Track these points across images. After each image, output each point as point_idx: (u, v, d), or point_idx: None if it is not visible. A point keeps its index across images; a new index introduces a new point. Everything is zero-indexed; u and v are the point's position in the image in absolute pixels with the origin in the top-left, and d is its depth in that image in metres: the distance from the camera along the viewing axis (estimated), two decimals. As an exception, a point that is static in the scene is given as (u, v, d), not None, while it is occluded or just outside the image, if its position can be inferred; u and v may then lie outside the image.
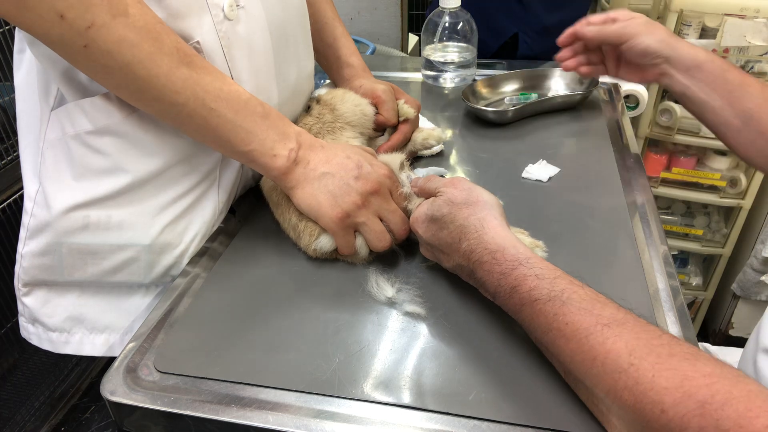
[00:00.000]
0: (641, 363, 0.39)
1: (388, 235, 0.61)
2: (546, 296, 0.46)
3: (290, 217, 0.64)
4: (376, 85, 0.80)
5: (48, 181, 0.61)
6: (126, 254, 0.63)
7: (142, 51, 0.51)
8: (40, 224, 0.62)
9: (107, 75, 0.52)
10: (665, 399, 0.37)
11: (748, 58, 1.30)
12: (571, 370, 0.45)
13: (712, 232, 1.58)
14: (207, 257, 0.66)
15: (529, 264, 0.48)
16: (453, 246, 0.55)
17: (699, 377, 0.37)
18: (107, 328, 0.67)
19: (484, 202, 0.55)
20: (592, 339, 0.42)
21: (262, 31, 0.64)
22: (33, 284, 0.66)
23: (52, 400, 1.51)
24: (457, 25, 1.06)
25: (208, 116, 0.56)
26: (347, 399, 0.48)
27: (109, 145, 0.59)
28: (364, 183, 0.60)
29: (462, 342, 0.53)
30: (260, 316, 0.57)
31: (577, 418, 0.45)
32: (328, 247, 0.61)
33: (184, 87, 0.54)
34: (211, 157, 0.65)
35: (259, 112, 0.59)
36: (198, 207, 0.66)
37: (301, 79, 0.74)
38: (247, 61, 0.63)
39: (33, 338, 0.68)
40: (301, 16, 0.73)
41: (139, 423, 0.50)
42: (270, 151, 0.59)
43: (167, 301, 0.59)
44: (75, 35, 0.49)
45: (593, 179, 0.77)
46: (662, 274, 0.61)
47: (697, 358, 0.39)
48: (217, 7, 0.59)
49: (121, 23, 0.50)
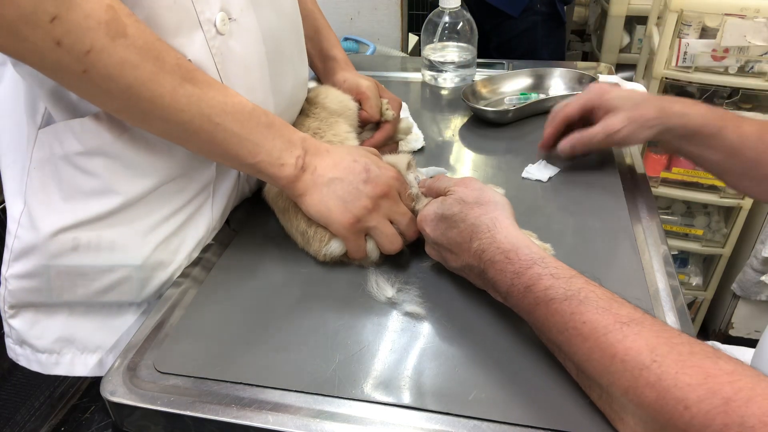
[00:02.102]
0: (664, 360, 0.39)
1: (399, 238, 0.61)
2: (562, 295, 0.46)
3: (299, 223, 0.63)
4: (360, 81, 0.79)
5: (35, 202, 0.59)
6: (117, 275, 0.61)
7: (144, 72, 0.49)
8: (27, 247, 0.60)
9: (109, 99, 0.51)
10: (689, 396, 0.37)
11: (748, 58, 1.30)
12: (586, 369, 0.44)
13: (712, 232, 1.58)
14: (200, 267, 0.65)
15: (544, 263, 0.48)
16: (463, 245, 0.54)
17: (722, 375, 0.37)
18: (99, 348, 0.65)
19: (495, 202, 0.55)
20: (611, 337, 0.42)
21: (257, 43, 0.62)
22: (19, 306, 0.64)
23: (52, 400, 1.51)
24: (457, 25, 1.06)
25: (214, 131, 0.54)
26: (347, 399, 0.48)
27: (100, 166, 0.58)
28: (373, 187, 0.59)
29: (462, 342, 0.53)
30: (260, 317, 0.57)
31: (577, 418, 0.45)
32: (338, 252, 0.61)
33: (188, 104, 0.52)
34: (203, 174, 0.64)
35: (264, 122, 0.58)
36: (191, 224, 0.64)
37: (297, 88, 0.73)
38: (242, 76, 0.61)
39: (21, 360, 0.66)
40: (295, 23, 0.71)
41: (139, 423, 0.50)
42: (277, 161, 0.58)
43: (164, 306, 0.59)
44: (73, 61, 0.46)
45: (593, 179, 0.77)
46: (662, 274, 0.61)
47: (718, 357, 0.39)
48: (209, 22, 0.57)
49: (121, 45, 0.48)
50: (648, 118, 0.70)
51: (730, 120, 0.69)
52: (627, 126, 0.70)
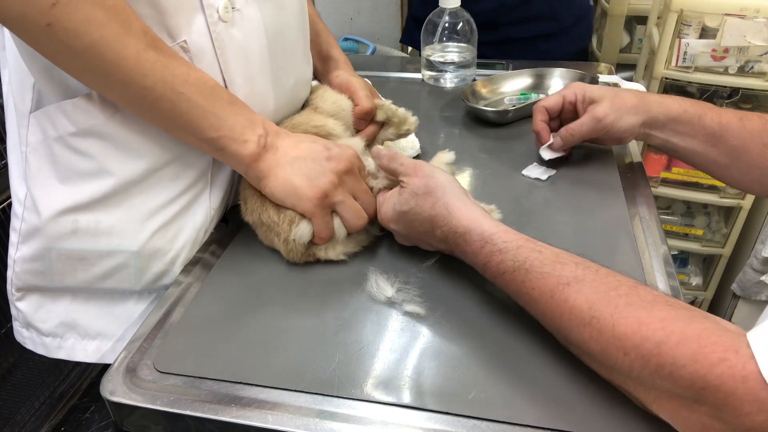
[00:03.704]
0: (601, 314, 0.44)
1: (364, 213, 0.62)
2: (511, 267, 0.51)
3: (269, 215, 0.62)
4: (351, 78, 0.80)
5: (35, 185, 0.60)
6: (115, 260, 0.62)
7: (110, 32, 0.49)
8: (31, 229, 0.61)
9: (71, 57, 0.50)
10: (626, 343, 0.42)
11: (748, 58, 1.30)
12: (547, 327, 0.50)
13: (712, 232, 1.58)
14: (200, 266, 0.65)
15: (492, 241, 0.53)
16: (428, 234, 0.58)
17: (654, 321, 0.41)
18: (99, 335, 0.66)
19: (443, 186, 0.58)
20: (557, 298, 0.47)
21: (258, 35, 0.62)
22: (26, 289, 0.66)
23: (52, 400, 1.51)
24: (457, 25, 1.06)
25: (176, 100, 0.54)
26: (347, 399, 0.48)
27: (93, 146, 0.58)
28: (337, 163, 0.60)
29: (462, 342, 0.53)
30: (260, 317, 0.57)
31: (577, 418, 0.45)
32: (308, 234, 0.60)
33: (152, 69, 0.52)
34: (201, 160, 0.64)
35: (226, 99, 0.58)
36: (189, 212, 0.65)
37: (299, 86, 0.73)
38: (242, 64, 0.61)
39: (27, 342, 0.68)
40: (300, 22, 0.72)
41: (139, 423, 0.50)
42: (240, 137, 0.58)
43: (164, 306, 0.59)
44: (37, 13, 0.46)
45: (593, 179, 0.77)
46: (662, 274, 0.61)
47: (653, 305, 0.43)
48: (211, 7, 0.57)
49: (88, 2, 0.48)
50: (630, 105, 0.73)
51: (709, 109, 0.71)
52: (611, 113, 0.73)
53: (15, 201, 0.63)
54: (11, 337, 0.68)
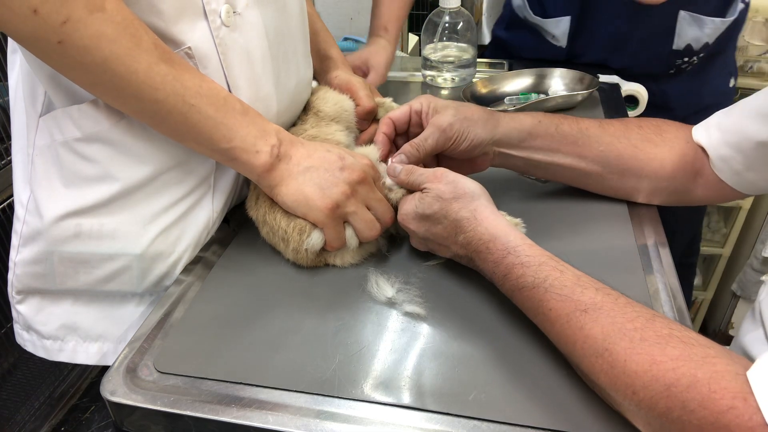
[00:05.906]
0: (614, 348, 0.43)
1: (377, 224, 0.61)
2: (531, 284, 0.49)
3: (278, 222, 0.61)
4: (351, 78, 0.80)
5: (39, 188, 0.60)
6: (117, 263, 0.62)
7: (120, 47, 0.50)
8: (33, 232, 0.61)
9: (83, 72, 0.51)
10: (636, 382, 0.41)
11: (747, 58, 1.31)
12: (559, 348, 0.49)
13: (712, 232, 1.58)
14: (201, 265, 0.65)
15: (516, 252, 0.52)
16: (449, 239, 0.57)
17: (666, 361, 0.40)
18: (101, 337, 0.66)
19: (471, 192, 0.57)
20: (573, 324, 0.46)
21: (260, 38, 0.62)
22: (26, 292, 0.66)
23: (52, 400, 1.51)
24: (456, 25, 1.06)
25: (188, 113, 0.54)
26: (347, 399, 0.48)
27: (98, 152, 0.58)
28: (350, 173, 0.60)
29: (462, 342, 0.53)
30: (260, 317, 0.57)
31: (577, 418, 0.45)
32: (319, 243, 0.60)
33: (163, 83, 0.52)
34: (204, 165, 0.64)
35: (239, 109, 0.58)
36: (191, 215, 0.65)
37: (300, 87, 0.73)
38: (245, 68, 0.61)
39: (28, 345, 0.68)
40: (300, 24, 0.72)
41: (139, 423, 0.50)
42: (252, 148, 0.58)
43: (165, 305, 0.59)
44: (49, 31, 0.47)
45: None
46: (662, 274, 0.61)
47: (667, 342, 0.41)
48: (214, 13, 0.58)
49: (98, 18, 0.48)
50: (476, 116, 0.66)
51: (564, 118, 0.68)
52: (455, 123, 0.64)
53: (17, 204, 0.63)
54: (11, 337, 0.68)
